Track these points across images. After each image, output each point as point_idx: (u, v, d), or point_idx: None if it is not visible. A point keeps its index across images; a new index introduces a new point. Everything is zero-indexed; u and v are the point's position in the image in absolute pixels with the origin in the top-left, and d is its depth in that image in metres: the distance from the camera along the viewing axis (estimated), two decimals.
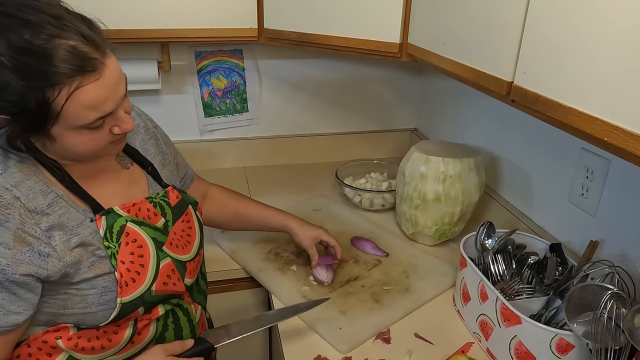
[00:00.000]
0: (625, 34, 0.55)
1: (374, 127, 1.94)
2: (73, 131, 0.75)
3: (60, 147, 0.77)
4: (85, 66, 0.72)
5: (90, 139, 0.77)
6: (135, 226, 0.87)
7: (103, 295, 0.82)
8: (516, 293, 1.01)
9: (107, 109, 0.76)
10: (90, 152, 0.79)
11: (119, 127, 0.80)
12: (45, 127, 0.73)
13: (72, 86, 0.71)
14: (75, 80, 0.71)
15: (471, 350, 1.01)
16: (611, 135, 0.58)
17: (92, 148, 0.79)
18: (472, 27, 0.87)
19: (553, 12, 0.67)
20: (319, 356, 0.98)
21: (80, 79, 0.71)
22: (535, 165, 1.26)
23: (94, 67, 0.72)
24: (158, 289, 0.87)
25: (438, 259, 1.30)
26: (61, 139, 0.75)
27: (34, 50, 0.68)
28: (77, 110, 0.72)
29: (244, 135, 1.83)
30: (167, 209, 0.95)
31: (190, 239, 0.98)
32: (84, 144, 0.77)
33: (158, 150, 1.02)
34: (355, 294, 1.15)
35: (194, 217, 1.01)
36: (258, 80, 1.76)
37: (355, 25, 1.18)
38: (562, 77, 0.66)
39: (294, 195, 1.59)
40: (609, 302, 0.79)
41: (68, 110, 0.72)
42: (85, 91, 0.72)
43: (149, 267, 0.86)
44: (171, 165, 1.05)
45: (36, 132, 0.74)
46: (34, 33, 0.68)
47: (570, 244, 1.14)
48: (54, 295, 0.80)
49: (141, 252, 0.86)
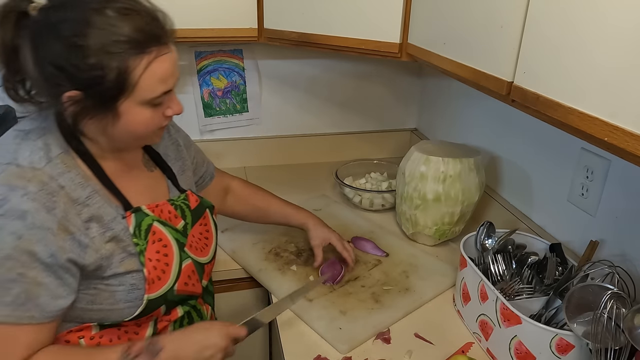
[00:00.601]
0: (625, 34, 0.55)
1: (374, 127, 1.94)
2: (139, 107, 0.77)
3: (122, 126, 0.78)
4: (161, 38, 0.76)
5: (150, 117, 0.79)
6: (161, 226, 0.89)
7: (130, 292, 0.83)
8: (516, 293, 1.01)
9: (171, 85, 0.79)
10: (146, 133, 0.82)
11: (171, 109, 0.82)
12: (117, 100, 0.75)
13: (151, 56, 0.74)
14: (154, 51, 0.74)
15: (471, 350, 1.01)
16: (611, 135, 0.58)
17: (149, 128, 0.81)
18: (472, 27, 0.87)
19: (553, 12, 0.67)
20: (319, 356, 0.98)
21: (157, 49, 0.75)
22: (535, 165, 1.26)
23: (167, 40, 0.77)
24: (180, 288, 0.89)
25: (438, 259, 1.30)
26: (126, 116, 0.77)
27: (117, 22, 0.71)
28: (149, 82, 0.75)
29: (244, 135, 1.83)
30: (187, 211, 0.96)
31: (208, 242, 1.00)
32: (143, 123, 0.79)
33: (178, 156, 1.04)
34: (355, 294, 1.15)
35: (211, 221, 1.03)
36: (258, 80, 1.76)
37: (355, 25, 1.18)
38: (562, 77, 0.66)
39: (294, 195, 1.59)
40: (609, 302, 0.79)
41: (143, 82, 0.74)
42: (159, 62, 0.75)
43: (173, 266, 0.88)
44: (189, 172, 1.06)
45: (105, 108, 0.75)
46: (116, 7, 0.72)
47: (570, 244, 1.14)
48: (84, 289, 0.81)
49: (166, 251, 0.88)
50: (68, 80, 0.72)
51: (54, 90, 0.73)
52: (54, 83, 0.73)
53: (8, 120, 1.49)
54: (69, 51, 0.70)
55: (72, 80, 0.72)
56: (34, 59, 0.72)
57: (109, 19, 0.71)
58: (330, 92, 1.84)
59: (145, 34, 0.73)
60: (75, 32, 0.70)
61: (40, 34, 0.71)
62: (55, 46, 0.71)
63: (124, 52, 0.72)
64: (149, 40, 0.74)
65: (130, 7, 0.73)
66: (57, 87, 0.73)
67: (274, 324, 1.13)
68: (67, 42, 0.70)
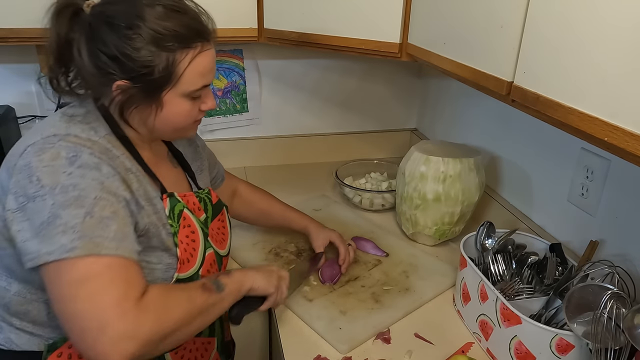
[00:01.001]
0: (625, 34, 0.55)
1: (374, 127, 1.94)
2: (180, 98, 0.83)
3: (164, 116, 0.84)
4: (206, 34, 0.83)
5: (188, 110, 0.85)
6: (189, 213, 0.93)
7: (166, 271, 0.87)
8: (516, 293, 1.01)
9: (209, 80, 0.86)
10: (184, 124, 0.88)
11: (206, 104, 0.88)
12: (162, 90, 0.81)
13: (196, 50, 0.81)
14: (199, 46, 0.82)
15: (471, 350, 1.01)
16: (611, 135, 0.58)
17: (188, 120, 0.87)
18: (472, 27, 0.87)
19: (553, 12, 0.67)
20: (319, 356, 0.98)
21: (201, 45, 0.82)
22: (535, 165, 1.26)
23: (209, 37, 0.84)
24: (203, 274, 0.93)
25: (438, 259, 1.30)
26: (169, 106, 0.83)
27: (167, 17, 0.78)
28: (192, 75, 0.82)
29: (244, 135, 1.83)
30: (209, 205, 1.01)
31: (225, 237, 1.04)
32: (183, 114, 0.85)
33: (196, 156, 1.09)
34: (355, 294, 1.15)
35: (227, 219, 1.07)
36: (258, 80, 1.76)
37: (355, 25, 1.18)
38: (562, 77, 0.66)
39: (294, 195, 1.59)
40: (609, 302, 0.79)
41: (186, 74, 0.81)
42: (202, 57, 0.82)
43: (199, 252, 0.93)
44: (206, 172, 1.11)
45: (150, 98, 0.81)
46: (166, 4, 0.79)
47: (570, 244, 1.14)
48: None
49: (193, 237, 0.92)
50: (120, 70, 0.78)
51: (104, 79, 0.79)
52: (106, 72, 0.78)
53: (8, 120, 1.49)
54: (122, 42, 0.77)
55: (123, 70, 0.78)
56: (88, 50, 0.78)
57: (160, 14, 0.78)
58: (331, 92, 1.84)
59: (192, 30, 0.81)
60: (129, 24, 0.77)
61: (97, 26, 0.78)
62: (109, 37, 0.77)
63: (172, 45, 0.79)
64: (194, 36, 0.81)
65: (178, 5, 0.81)
66: (108, 76, 0.79)
67: (273, 324, 1.13)
68: (121, 33, 0.77)
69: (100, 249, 0.70)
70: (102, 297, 0.68)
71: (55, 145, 0.76)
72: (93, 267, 0.69)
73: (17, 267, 0.79)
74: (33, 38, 1.22)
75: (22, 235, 0.72)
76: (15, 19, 1.21)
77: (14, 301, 0.83)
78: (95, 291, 0.68)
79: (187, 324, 0.77)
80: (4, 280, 0.83)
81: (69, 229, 0.70)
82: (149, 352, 0.70)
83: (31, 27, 1.21)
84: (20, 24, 1.21)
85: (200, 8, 0.85)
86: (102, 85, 0.80)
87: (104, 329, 0.66)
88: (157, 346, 0.72)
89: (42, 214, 0.70)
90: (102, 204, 0.74)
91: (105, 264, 0.70)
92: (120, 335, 0.66)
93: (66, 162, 0.74)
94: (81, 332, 0.67)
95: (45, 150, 0.75)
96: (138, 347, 0.67)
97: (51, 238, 0.69)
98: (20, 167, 0.74)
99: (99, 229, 0.72)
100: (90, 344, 0.66)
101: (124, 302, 0.68)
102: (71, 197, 0.72)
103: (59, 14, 0.79)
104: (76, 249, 0.69)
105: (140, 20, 0.77)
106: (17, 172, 0.75)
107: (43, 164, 0.73)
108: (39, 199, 0.71)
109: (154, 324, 0.70)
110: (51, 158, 0.74)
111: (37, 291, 0.82)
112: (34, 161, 0.74)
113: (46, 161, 0.74)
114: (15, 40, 1.23)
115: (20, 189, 0.73)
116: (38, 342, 0.85)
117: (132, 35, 0.77)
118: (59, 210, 0.70)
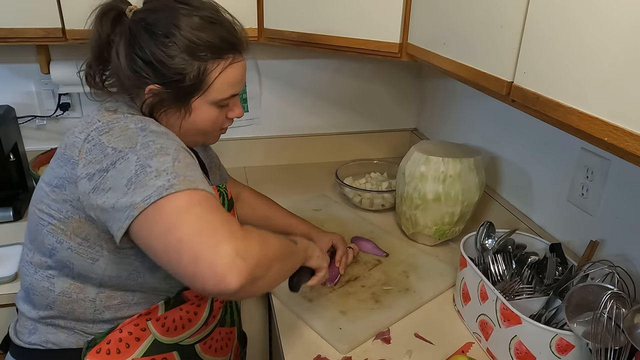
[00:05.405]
0: (625, 34, 0.55)
1: (374, 127, 1.94)
2: (208, 105, 0.87)
3: (191, 121, 0.88)
4: (238, 47, 0.87)
5: (215, 117, 0.90)
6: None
7: None
8: (516, 293, 1.01)
9: (238, 90, 0.90)
10: (211, 130, 0.92)
11: (233, 112, 0.93)
12: (192, 97, 0.85)
13: (227, 61, 0.86)
14: (230, 58, 0.86)
15: (471, 350, 1.01)
16: (611, 135, 0.58)
17: (214, 127, 0.92)
18: (472, 27, 0.87)
19: (553, 12, 0.67)
20: (319, 356, 0.98)
21: (233, 57, 0.86)
22: (535, 165, 1.26)
23: (241, 49, 0.89)
24: None
25: (438, 259, 1.30)
26: (197, 112, 0.87)
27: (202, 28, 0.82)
28: (222, 84, 0.86)
29: (244, 135, 1.83)
30: (225, 200, 1.03)
31: None
32: (210, 120, 0.90)
33: (207, 154, 1.15)
34: (355, 294, 1.15)
35: (236, 216, 1.10)
36: (258, 80, 1.76)
37: (356, 25, 1.18)
38: (562, 77, 0.66)
39: (294, 195, 1.59)
40: (609, 302, 0.79)
41: (216, 84, 0.85)
42: (233, 68, 0.86)
43: None
44: (215, 169, 1.15)
45: (180, 103, 0.85)
46: (203, 15, 0.83)
47: (570, 244, 1.14)
48: None
49: None
50: (153, 75, 0.82)
51: (138, 82, 0.83)
52: (140, 76, 0.83)
53: (8, 120, 1.49)
54: (158, 49, 0.81)
55: (157, 75, 0.82)
56: (126, 53, 0.82)
57: (196, 24, 0.82)
58: (330, 92, 1.84)
59: (225, 41, 0.84)
60: (166, 32, 0.81)
61: (136, 31, 0.82)
62: (147, 43, 0.81)
63: (205, 55, 0.83)
64: (227, 48, 0.85)
65: (215, 17, 0.85)
66: (142, 80, 0.83)
67: (273, 324, 1.13)
68: (158, 40, 0.81)
69: (197, 184, 0.70)
70: (210, 218, 0.66)
71: (120, 121, 0.78)
72: (193, 197, 0.68)
73: (75, 259, 0.80)
74: (33, 38, 1.23)
75: (110, 201, 0.70)
76: (15, 19, 1.21)
77: (59, 301, 0.84)
78: (202, 213, 0.67)
79: (282, 259, 0.76)
80: (46, 281, 0.84)
81: (162, 172, 0.70)
82: (255, 279, 0.66)
83: (31, 27, 1.21)
84: (20, 24, 1.21)
85: (235, 20, 0.89)
86: (135, 87, 0.84)
87: (218, 245, 0.63)
88: (264, 274, 0.69)
89: (127, 172, 0.70)
90: (184, 154, 0.76)
91: (204, 196, 0.70)
92: (235, 252, 0.63)
93: (137, 129, 0.76)
94: (195, 260, 0.63)
95: (113, 127, 0.76)
96: (250, 269, 0.64)
97: (145, 184, 0.68)
98: (88, 149, 0.75)
99: (189, 170, 0.73)
100: (206, 266, 0.62)
101: (230, 223, 0.67)
102: (154, 149, 0.73)
103: (103, 16, 0.84)
104: (175, 185, 0.68)
105: (177, 29, 0.81)
106: (84, 155, 0.75)
107: (115, 137, 0.75)
108: (119, 162, 0.71)
109: (261, 248, 0.68)
110: (121, 130, 0.76)
111: (83, 290, 0.84)
112: (104, 138, 0.75)
113: (117, 134, 0.75)
114: (15, 40, 1.23)
115: (92, 168, 0.73)
116: (77, 339, 0.86)
117: (167, 43, 0.81)
118: (146, 161, 0.71)
